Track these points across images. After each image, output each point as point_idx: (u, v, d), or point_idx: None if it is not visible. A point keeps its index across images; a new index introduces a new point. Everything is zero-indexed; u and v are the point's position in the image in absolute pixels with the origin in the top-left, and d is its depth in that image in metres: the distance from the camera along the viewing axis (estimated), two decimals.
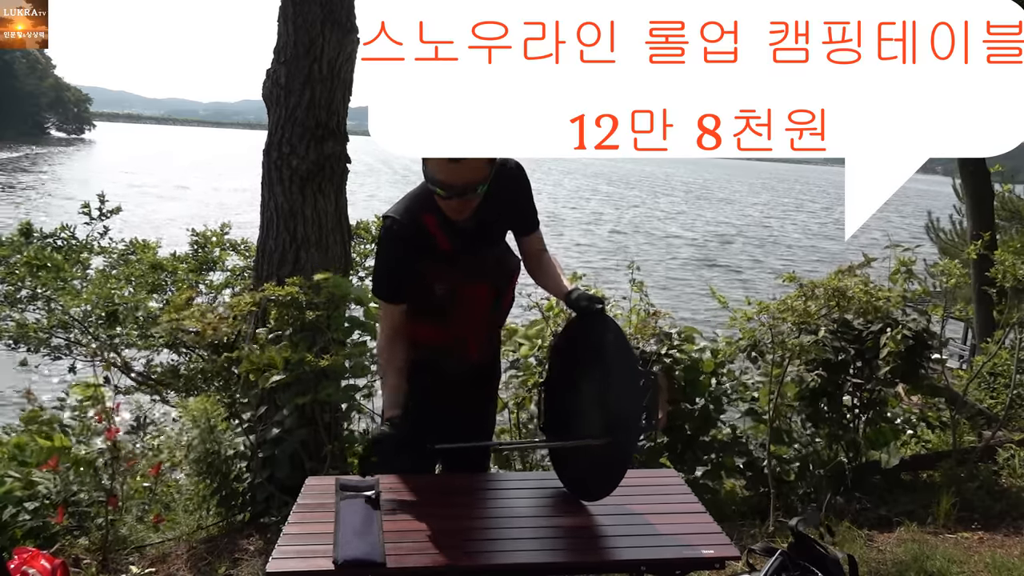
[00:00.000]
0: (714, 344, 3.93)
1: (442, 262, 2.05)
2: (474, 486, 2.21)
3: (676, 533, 1.87)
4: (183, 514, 3.31)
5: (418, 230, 2.01)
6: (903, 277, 3.80)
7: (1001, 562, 3.00)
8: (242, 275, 5.39)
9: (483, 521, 1.93)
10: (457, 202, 1.93)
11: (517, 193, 2.13)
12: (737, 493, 3.70)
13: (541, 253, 2.21)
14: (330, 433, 3.24)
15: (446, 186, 1.87)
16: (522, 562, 1.77)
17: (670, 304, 13.55)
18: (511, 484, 2.30)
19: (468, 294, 2.09)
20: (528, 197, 2.17)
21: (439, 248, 2.04)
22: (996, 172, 7.65)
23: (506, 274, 2.17)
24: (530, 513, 2.01)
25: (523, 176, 2.15)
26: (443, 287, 2.06)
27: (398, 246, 2.03)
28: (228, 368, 3.36)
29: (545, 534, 1.87)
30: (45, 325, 5.09)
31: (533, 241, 2.21)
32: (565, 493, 2.08)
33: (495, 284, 2.14)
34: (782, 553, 2.15)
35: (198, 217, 10.82)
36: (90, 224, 5.87)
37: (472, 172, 1.87)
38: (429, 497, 2.00)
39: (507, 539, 1.84)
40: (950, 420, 3.96)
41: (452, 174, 1.85)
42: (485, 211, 2.03)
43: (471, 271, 2.08)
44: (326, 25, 3.33)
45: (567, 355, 2.15)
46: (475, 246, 2.07)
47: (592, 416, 1.95)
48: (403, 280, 2.06)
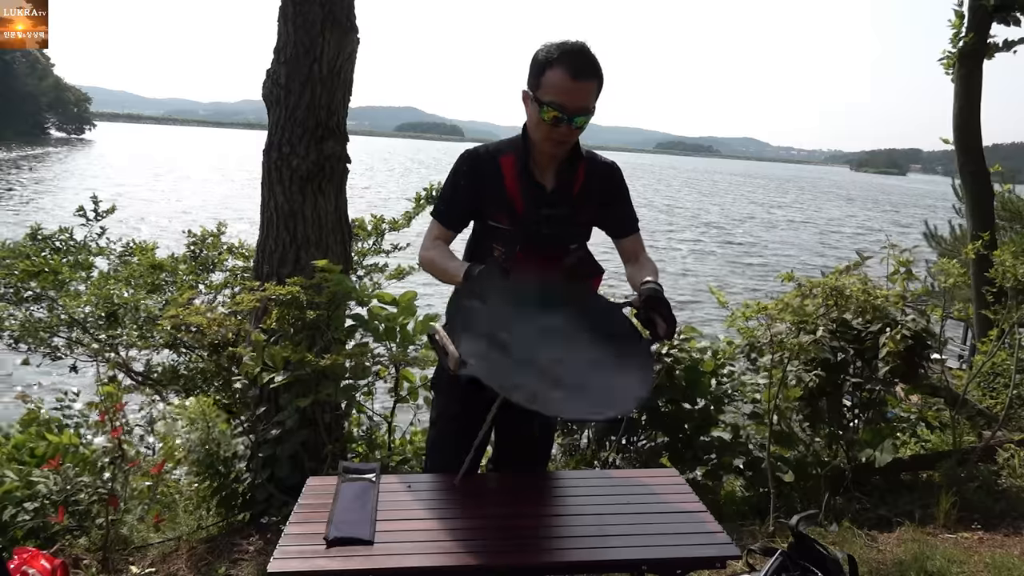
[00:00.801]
0: (714, 344, 3.93)
1: (504, 211, 2.04)
2: (474, 486, 2.21)
3: (676, 533, 1.87)
4: (183, 514, 3.31)
5: (491, 162, 2.06)
6: (902, 278, 3.81)
7: (1001, 562, 3.00)
8: (241, 275, 5.38)
9: (483, 521, 1.93)
10: (566, 130, 1.95)
11: (610, 189, 2.15)
12: (737, 493, 3.70)
13: (637, 259, 2.17)
14: (330, 433, 3.24)
15: (561, 107, 1.91)
16: (522, 562, 1.77)
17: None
18: (511, 484, 2.30)
19: (528, 265, 2.03)
20: (622, 198, 2.18)
21: (506, 192, 2.04)
22: (996, 172, 7.65)
23: (579, 271, 2.13)
24: (530, 513, 2.01)
25: (618, 175, 2.17)
26: (502, 248, 2.05)
27: (464, 170, 2.08)
28: (228, 368, 3.36)
29: (545, 534, 1.87)
30: (46, 325, 5.09)
31: (628, 243, 2.19)
32: (565, 493, 2.08)
33: (562, 272, 2.09)
34: (782, 553, 2.15)
35: (197, 217, 10.81)
36: (87, 225, 5.87)
37: (588, 93, 1.93)
38: (430, 496, 2.00)
39: (507, 539, 1.84)
40: (950, 420, 3.96)
41: (569, 93, 1.90)
42: (567, 181, 2.05)
43: (534, 240, 2.04)
44: (326, 25, 3.33)
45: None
46: (551, 215, 2.04)
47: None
48: (458, 205, 2.10)
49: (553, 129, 1.95)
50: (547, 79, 1.92)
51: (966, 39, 6.80)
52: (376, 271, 5.94)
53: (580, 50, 1.93)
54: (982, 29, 6.74)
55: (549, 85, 1.92)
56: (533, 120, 2.00)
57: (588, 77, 1.92)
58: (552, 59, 1.92)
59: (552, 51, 1.93)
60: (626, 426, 3.64)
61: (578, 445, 3.90)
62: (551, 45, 1.94)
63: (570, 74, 1.89)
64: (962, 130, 7.00)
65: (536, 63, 1.96)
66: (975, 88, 6.92)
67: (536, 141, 2.03)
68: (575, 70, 1.90)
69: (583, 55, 1.92)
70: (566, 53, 1.91)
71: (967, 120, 6.98)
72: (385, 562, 1.68)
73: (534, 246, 2.05)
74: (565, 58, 1.91)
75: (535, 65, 1.96)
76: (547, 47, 1.94)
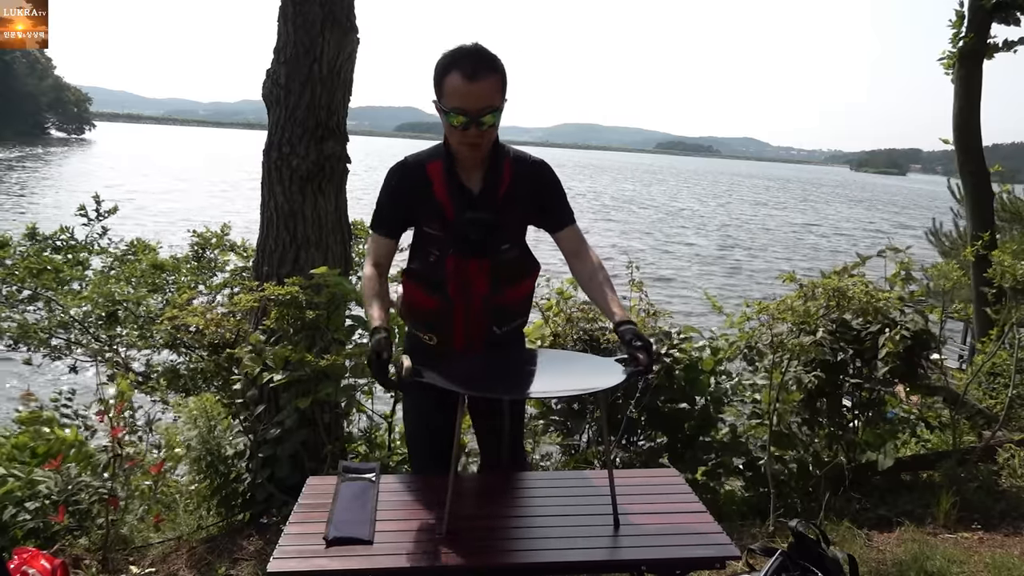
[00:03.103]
0: (713, 342, 3.93)
1: (436, 217, 2.08)
2: (473, 486, 2.21)
3: (676, 533, 1.88)
4: (183, 514, 3.31)
5: (419, 169, 2.11)
6: (901, 279, 3.81)
7: (1001, 562, 3.00)
8: (241, 275, 5.39)
9: (483, 521, 1.93)
10: (475, 132, 1.97)
11: (540, 187, 2.16)
12: (737, 493, 3.70)
13: (578, 254, 2.19)
14: (330, 433, 3.24)
15: (463, 111, 1.94)
16: (522, 562, 1.77)
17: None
18: (511, 484, 2.30)
19: (459, 269, 2.10)
20: (553, 194, 2.19)
21: (435, 198, 2.08)
22: (996, 172, 7.66)
23: (512, 270, 2.16)
24: (530, 513, 2.01)
25: (546, 171, 2.19)
26: (436, 253, 2.10)
27: (394, 179, 2.14)
28: (228, 368, 3.36)
29: (545, 534, 1.87)
30: (45, 325, 5.10)
31: (564, 239, 2.20)
32: (565, 493, 2.08)
33: (494, 273, 2.12)
34: (782, 553, 2.15)
35: (198, 217, 10.81)
36: (88, 225, 5.88)
37: (488, 91, 1.94)
38: (429, 496, 2.00)
39: (507, 539, 1.85)
40: (950, 420, 3.96)
41: (468, 96, 1.93)
42: (493, 184, 2.08)
43: (464, 243, 2.08)
44: (326, 25, 3.32)
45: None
46: (475, 220, 2.06)
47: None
48: (392, 214, 2.15)
49: (464, 133, 1.98)
50: (447, 86, 1.95)
51: (966, 39, 6.80)
52: None
53: (472, 51, 1.95)
54: (982, 29, 6.74)
55: (449, 91, 1.95)
56: (446, 127, 2.04)
57: (483, 75, 1.93)
58: (447, 65, 1.94)
59: (446, 58, 1.95)
60: (626, 426, 3.64)
61: (578, 445, 3.90)
62: (445, 52, 1.97)
63: (465, 77, 1.92)
64: (962, 130, 7.01)
65: (435, 73, 1.98)
66: (975, 88, 6.92)
67: (454, 147, 2.06)
68: (469, 72, 1.92)
69: (475, 55, 1.94)
70: (458, 58, 1.94)
71: (967, 120, 6.98)
72: (385, 562, 1.69)
73: (464, 250, 2.09)
74: (458, 63, 1.93)
75: (435, 75, 1.98)
76: (443, 55, 1.97)
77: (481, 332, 2.18)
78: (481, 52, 1.95)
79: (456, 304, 2.13)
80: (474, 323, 2.16)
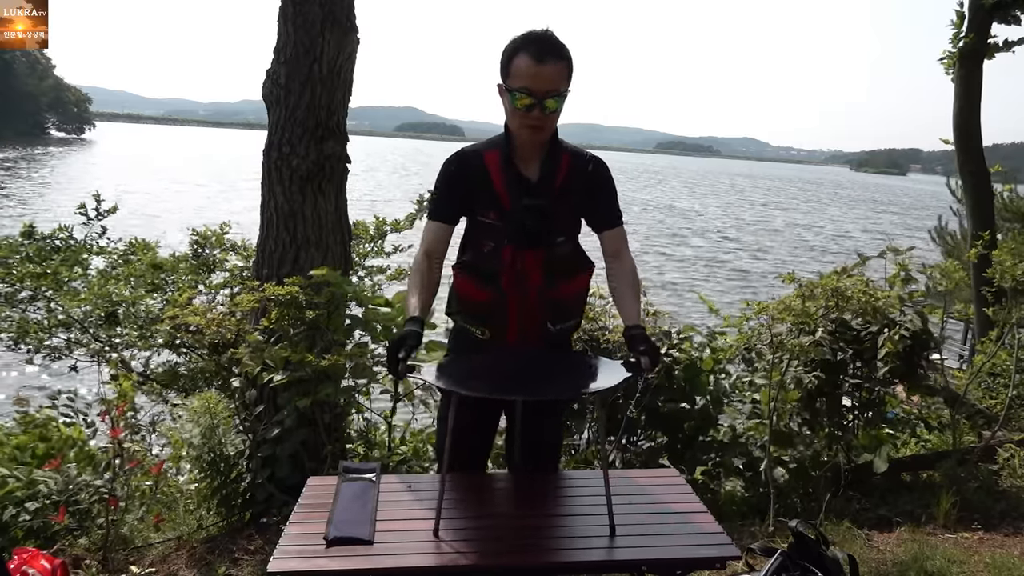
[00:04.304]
0: (713, 342, 3.93)
1: (492, 206, 2.11)
2: (473, 486, 2.21)
3: (676, 533, 1.88)
4: (183, 514, 3.31)
5: (476, 158, 2.14)
6: (901, 280, 3.81)
7: (1001, 562, 3.00)
8: (240, 275, 5.39)
9: (483, 520, 1.93)
10: (538, 115, 2.00)
11: (594, 181, 2.19)
12: (737, 493, 3.70)
13: (618, 255, 2.21)
14: (330, 433, 3.24)
15: (528, 91, 1.97)
16: (523, 562, 1.77)
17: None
18: (511, 484, 2.31)
19: (515, 260, 2.11)
20: (605, 192, 2.21)
21: (492, 187, 2.10)
22: (996, 172, 7.66)
23: (566, 264, 2.17)
24: (529, 513, 2.01)
25: (603, 168, 2.22)
26: (491, 243, 2.12)
27: (452, 167, 2.17)
28: (228, 368, 3.36)
29: (545, 534, 1.87)
30: (45, 325, 5.09)
31: (607, 239, 2.23)
32: (565, 493, 2.08)
33: (548, 266, 2.13)
34: (782, 553, 2.15)
35: (197, 217, 10.79)
36: (88, 224, 5.87)
37: (554, 76, 1.98)
38: (430, 496, 2.00)
39: (507, 539, 1.85)
40: (950, 420, 3.96)
41: (535, 78, 1.96)
42: (550, 173, 2.10)
43: (520, 233, 2.09)
44: (326, 25, 3.32)
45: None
46: (532, 207, 2.08)
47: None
48: (449, 201, 2.16)
49: (526, 115, 2.01)
50: (514, 67, 2.00)
51: (966, 39, 6.80)
52: (377, 272, 5.96)
53: (543, 35, 2.00)
54: (982, 29, 6.74)
55: (516, 72, 1.99)
56: (508, 110, 2.06)
57: (552, 60, 1.97)
58: (517, 47, 1.99)
59: (517, 40, 2.00)
60: (626, 426, 3.64)
61: (578, 445, 3.90)
62: (516, 36, 2.02)
63: (534, 58, 1.96)
64: (962, 130, 7.01)
65: (504, 55, 2.03)
66: (975, 88, 6.92)
67: (514, 131, 2.09)
68: (539, 54, 1.96)
69: (546, 40, 1.99)
70: (529, 40, 1.99)
71: (967, 120, 6.98)
72: (385, 562, 1.69)
73: (520, 240, 2.10)
74: (529, 45, 1.98)
75: (503, 56, 2.03)
76: (513, 38, 2.02)
77: (536, 327, 2.19)
78: (551, 38, 2.00)
79: (510, 297, 2.14)
80: (528, 317, 2.17)
